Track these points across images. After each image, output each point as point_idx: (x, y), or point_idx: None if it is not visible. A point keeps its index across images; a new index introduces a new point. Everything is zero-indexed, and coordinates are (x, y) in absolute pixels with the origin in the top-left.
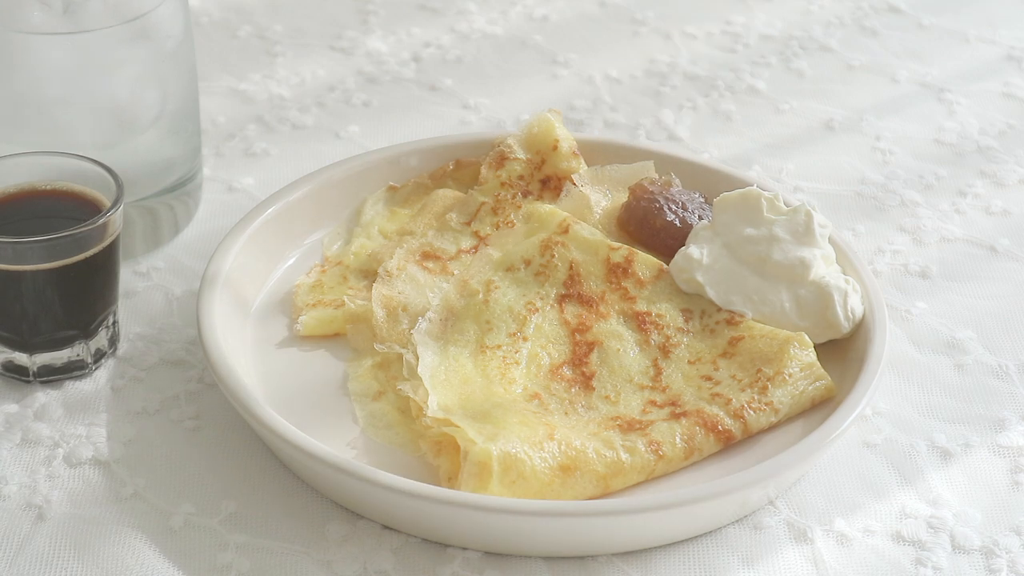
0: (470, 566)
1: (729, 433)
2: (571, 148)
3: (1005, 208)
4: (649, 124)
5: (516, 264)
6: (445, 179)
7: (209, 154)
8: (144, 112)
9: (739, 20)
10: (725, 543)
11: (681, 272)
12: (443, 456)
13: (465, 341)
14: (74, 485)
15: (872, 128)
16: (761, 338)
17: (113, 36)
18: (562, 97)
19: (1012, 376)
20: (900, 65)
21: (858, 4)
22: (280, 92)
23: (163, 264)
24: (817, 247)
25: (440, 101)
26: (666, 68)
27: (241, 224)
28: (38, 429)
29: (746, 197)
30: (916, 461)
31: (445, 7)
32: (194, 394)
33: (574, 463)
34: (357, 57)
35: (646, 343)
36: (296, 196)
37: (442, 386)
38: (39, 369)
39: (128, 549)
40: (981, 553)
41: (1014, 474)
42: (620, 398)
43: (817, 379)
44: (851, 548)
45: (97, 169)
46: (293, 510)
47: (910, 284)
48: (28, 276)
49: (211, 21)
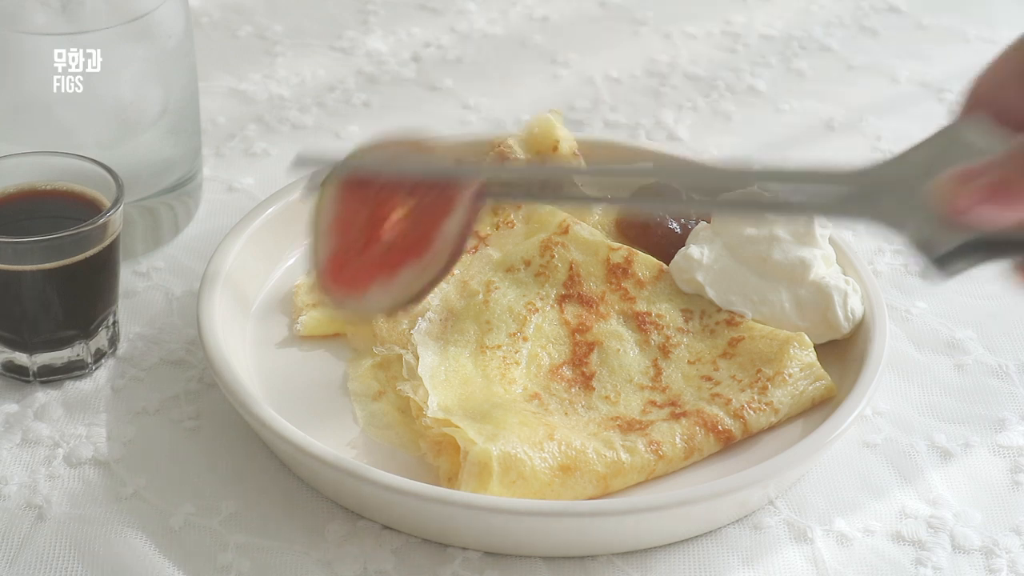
0: (470, 566)
1: (729, 433)
2: (571, 148)
3: None
4: (649, 124)
5: (516, 264)
6: None
7: (209, 154)
8: (144, 112)
9: (739, 20)
10: (725, 543)
11: (681, 272)
12: (443, 456)
13: (465, 341)
14: (74, 485)
15: (872, 128)
16: (761, 338)
17: (114, 36)
18: (562, 97)
19: (1012, 376)
20: (900, 65)
21: (858, 4)
22: (280, 92)
23: (163, 264)
24: (817, 247)
25: (440, 101)
26: (666, 68)
27: (241, 224)
28: (38, 429)
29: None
30: (916, 461)
31: (445, 7)
32: (194, 394)
33: (574, 463)
34: (357, 57)
35: (646, 343)
36: (296, 196)
37: (442, 386)
38: (39, 369)
39: (128, 549)
40: (981, 553)
41: (1014, 474)
42: (620, 398)
43: (817, 379)
44: (851, 548)
45: (97, 169)
46: (293, 510)
47: (910, 284)
48: (28, 276)
49: (211, 21)
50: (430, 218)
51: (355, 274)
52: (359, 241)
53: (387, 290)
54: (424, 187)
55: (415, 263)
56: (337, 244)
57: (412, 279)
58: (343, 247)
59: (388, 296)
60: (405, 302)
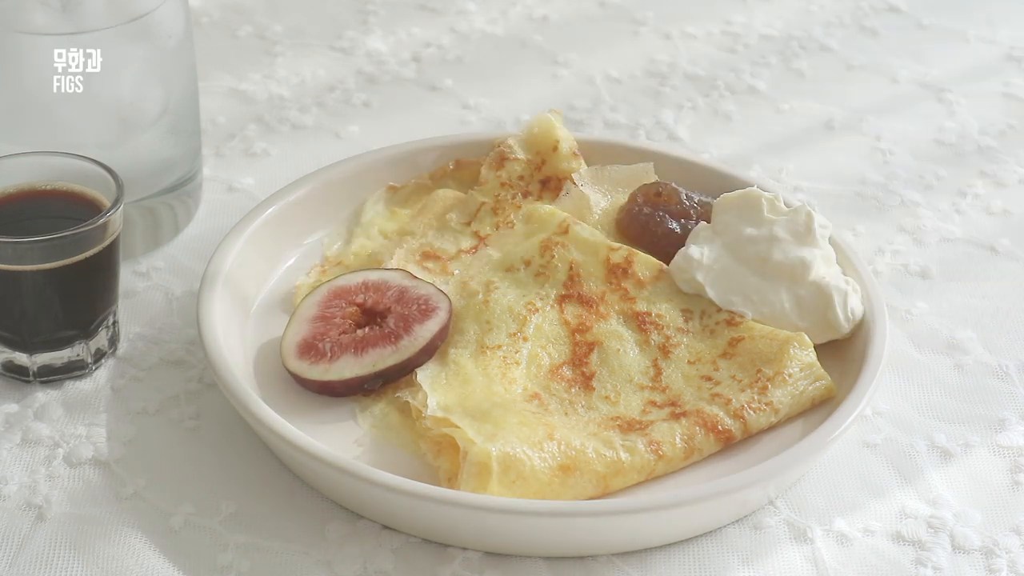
0: (470, 566)
1: (729, 433)
2: (571, 148)
3: (1005, 208)
4: (649, 124)
5: (516, 264)
6: (445, 179)
7: (209, 154)
8: (144, 112)
9: (739, 20)
10: (725, 543)
11: (681, 272)
12: (443, 456)
13: (465, 341)
14: (74, 485)
15: (872, 128)
16: (761, 338)
17: (114, 36)
18: (562, 97)
19: (1012, 376)
20: (900, 65)
21: (858, 4)
22: (280, 92)
23: (163, 264)
24: (817, 247)
25: (440, 101)
26: (666, 68)
27: (241, 224)
28: (38, 429)
29: (746, 197)
30: (916, 461)
31: (445, 7)
32: (194, 394)
33: (574, 463)
34: (357, 57)
35: (646, 343)
36: (296, 196)
37: (442, 387)
38: (39, 369)
39: (128, 549)
40: (981, 553)
41: (1014, 474)
42: (620, 398)
43: (817, 379)
44: (851, 548)
45: (97, 169)
46: (293, 510)
47: (910, 284)
48: (28, 276)
49: (211, 21)
50: (408, 319)
51: (326, 350)
52: (336, 329)
53: (355, 363)
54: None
55: (386, 346)
56: (314, 331)
57: (380, 358)
58: (319, 333)
59: (355, 368)
60: (370, 377)
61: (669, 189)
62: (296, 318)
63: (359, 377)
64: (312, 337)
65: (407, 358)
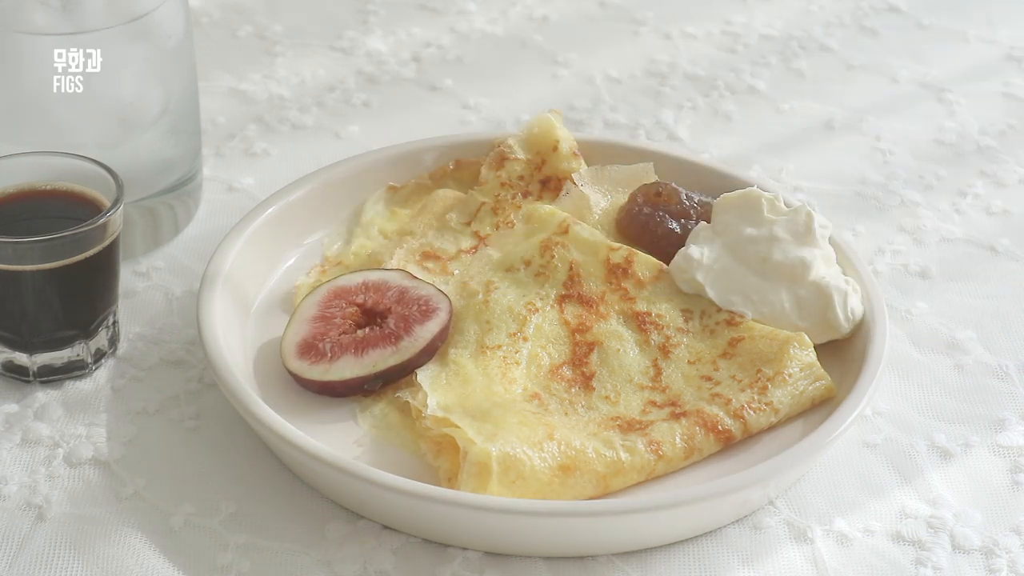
0: (470, 566)
1: (729, 433)
2: (571, 148)
3: (1005, 208)
4: (649, 124)
5: (516, 264)
6: (445, 179)
7: (209, 154)
8: (144, 112)
9: (739, 20)
10: (725, 543)
11: (681, 272)
12: (443, 456)
13: (465, 341)
14: (74, 485)
15: (872, 128)
16: (761, 338)
17: (114, 36)
18: (562, 97)
19: (1012, 376)
20: (900, 65)
21: (858, 4)
22: (280, 92)
23: (163, 264)
24: (817, 247)
25: (440, 101)
26: (666, 68)
27: (241, 224)
28: (38, 429)
29: (746, 197)
30: (916, 461)
31: (445, 7)
32: (194, 394)
33: (574, 463)
34: (357, 57)
35: (646, 343)
36: (296, 196)
37: (442, 387)
38: (39, 369)
39: (128, 549)
40: (981, 553)
41: (1014, 474)
42: (620, 398)
43: (817, 379)
44: (851, 548)
45: (97, 169)
46: (293, 510)
47: (910, 284)
48: (28, 276)
49: (211, 21)
50: (409, 320)
51: (326, 350)
52: (336, 329)
53: (355, 363)
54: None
55: (386, 347)
56: (314, 331)
57: (380, 359)
58: (319, 333)
59: (355, 368)
60: (371, 377)
61: (669, 189)
62: (296, 318)
63: (359, 377)
64: (312, 337)
65: (407, 359)
